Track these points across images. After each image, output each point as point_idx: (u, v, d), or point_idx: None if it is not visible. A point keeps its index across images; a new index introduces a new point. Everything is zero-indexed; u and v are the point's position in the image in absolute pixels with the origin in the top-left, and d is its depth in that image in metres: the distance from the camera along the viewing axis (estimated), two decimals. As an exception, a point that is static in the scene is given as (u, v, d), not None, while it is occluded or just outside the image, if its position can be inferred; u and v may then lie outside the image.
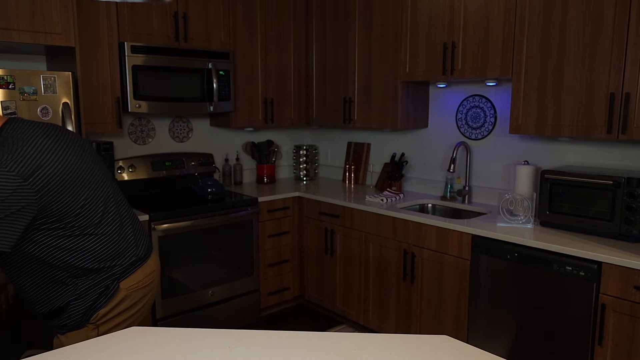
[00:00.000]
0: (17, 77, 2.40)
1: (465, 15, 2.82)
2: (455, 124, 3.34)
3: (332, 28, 3.66)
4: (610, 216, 2.31)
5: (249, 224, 3.38)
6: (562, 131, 2.47)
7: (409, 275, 2.95)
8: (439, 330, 2.84)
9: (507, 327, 2.51)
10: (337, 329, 3.46)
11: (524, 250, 2.39)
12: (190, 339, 1.31)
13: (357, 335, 1.35)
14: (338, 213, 3.37)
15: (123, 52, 2.96)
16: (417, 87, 3.35)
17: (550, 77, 2.49)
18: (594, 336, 2.20)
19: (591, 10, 2.31)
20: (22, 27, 2.44)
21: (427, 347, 1.28)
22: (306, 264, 3.71)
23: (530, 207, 2.63)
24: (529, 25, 2.54)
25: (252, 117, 3.68)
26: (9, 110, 2.40)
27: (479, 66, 2.78)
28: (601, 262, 2.14)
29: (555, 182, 2.49)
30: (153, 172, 3.44)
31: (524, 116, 2.61)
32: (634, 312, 2.06)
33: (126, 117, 3.40)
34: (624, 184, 2.26)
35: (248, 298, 3.45)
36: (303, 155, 4.16)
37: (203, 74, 3.30)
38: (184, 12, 3.22)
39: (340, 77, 3.64)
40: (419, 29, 3.06)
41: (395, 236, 3.00)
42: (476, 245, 2.59)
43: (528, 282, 2.40)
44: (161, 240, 2.96)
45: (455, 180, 3.34)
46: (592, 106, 2.35)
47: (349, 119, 3.60)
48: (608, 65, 2.28)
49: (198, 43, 3.31)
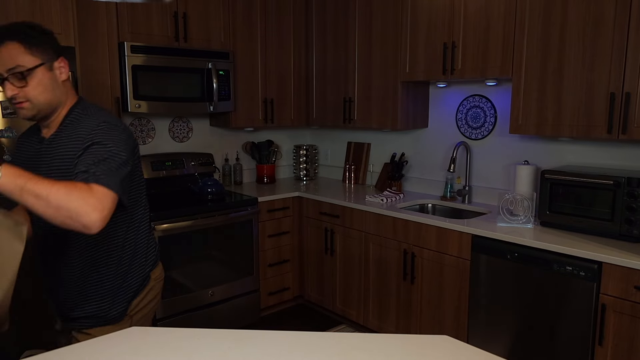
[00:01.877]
0: (17, 77, 2.40)
1: (465, 15, 2.82)
2: (455, 124, 3.34)
3: (332, 28, 3.66)
4: (611, 216, 2.31)
5: (249, 224, 3.38)
6: (562, 131, 2.47)
7: (409, 275, 2.95)
8: (439, 330, 2.84)
9: (507, 327, 2.51)
10: (337, 329, 3.46)
11: (524, 250, 2.39)
12: (190, 339, 1.31)
13: (357, 335, 1.35)
14: (338, 213, 3.37)
15: (123, 52, 2.96)
16: (417, 87, 3.34)
17: (550, 77, 2.49)
18: (594, 336, 2.20)
19: (591, 10, 2.31)
20: (22, 27, 2.44)
21: (427, 347, 1.27)
22: (306, 264, 3.71)
23: (531, 207, 2.63)
24: (529, 25, 2.54)
25: (252, 117, 3.68)
26: (8, 110, 2.40)
27: (479, 66, 2.78)
28: (601, 262, 2.14)
29: (556, 182, 2.49)
30: (153, 172, 3.43)
31: (524, 116, 2.61)
32: (634, 312, 2.06)
33: (126, 117, 3.40)
34: (624, 184, 2.26)
35: (248, 298, 3.45)
36: (303, 155, 4.16)
37: (203, 74, 3.29)
38: (184, 12, 3.22)
39: (340, 77, 3.64)
40: (419, 29, 3.06)
41: (395, 236, 3.00)
42: (476, 245, 2.58)
43: (528, 282, 2.40)
44: (161, 240, 2.96)
45: (455, 180, 3.34)
46: (593, 106, 2.35)
47: (349, 119, 3.60)
48: (608, 65, 2.28)
49: (198, 43, 3.31)
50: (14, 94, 1.39)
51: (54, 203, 1.17)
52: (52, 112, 1.48)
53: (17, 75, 1.37)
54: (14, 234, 1.24)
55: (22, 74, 1.38)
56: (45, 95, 1.43)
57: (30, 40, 1.39)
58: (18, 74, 1.37)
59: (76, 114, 1.50)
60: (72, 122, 1.48)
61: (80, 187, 1.23)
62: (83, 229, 1.21)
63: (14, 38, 1.38)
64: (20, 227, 1.26)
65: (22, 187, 1.15)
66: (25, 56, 1.38)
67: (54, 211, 1.18)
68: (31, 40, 1.40)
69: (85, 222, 1.20)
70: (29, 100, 1.41)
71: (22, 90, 1.39)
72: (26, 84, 1.39)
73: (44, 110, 1.45)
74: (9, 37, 1.38)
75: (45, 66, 1.42)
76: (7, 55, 1.37)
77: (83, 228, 1.21)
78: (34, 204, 1.17)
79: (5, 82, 1.39)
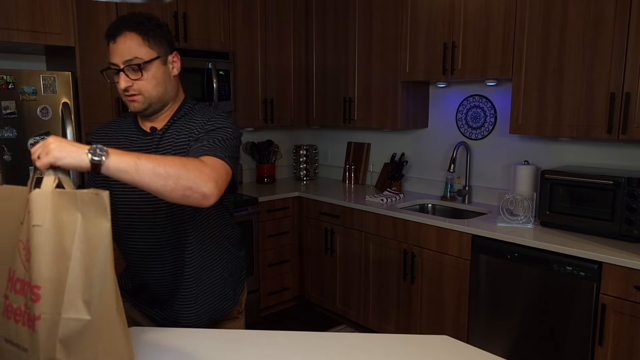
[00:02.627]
0: (16, 77, 2.40)
1: (465, 15, 2.82)
2: (455, 124, 3.34)
3: (332, 28, 3.66)
4: (611, 216, 2.31)
5: (249, 223, 3.38)
6: (562, 131, 2.47)
7: (409, 275, 2.95)
8: (439, 330, 2.84)
9: (507, 327, 2.51)
10: (337, 329, 3.45)
11: (524, 250, 2.39)
12: (190, 339, 1.31)
13: (357, 335, 1.35)
14: (338, 213, 3.37)
15: (123, 52, 2.96)
16: (417, 87, 3.34)
17: (550, 77, 2.49)
18: (594, 336, 2.19)
19: (591, 10, 2.31)
20: (22, 27, 2.44)
21: (427, 347, 1.27)
22: (306, 264, 3.71)
23: (531, 207, 2.63)
24: (529, 25, 2.54)
25: (252, 117, 3.68)
26: (8, 110, 2.40)
27: (479, 66, 2.78)
28: (601, 262, 2.14)
29: (556, 182, 2.49)
30: (153, 172, 3.43)
31: (524, 116, 2.61)
32: (634, 312, 2.06)
33: (126, 117, 3.39)
34: (624, 184, 2.26)
35: (248, 298, 3.45)
36: (303, 155, 4.15)
37: (203, 74, 3.29)
38: (184, 12, 3.22)
39: (340, 77, 3.64)
40: (419, 29, 3.06)
41: (395, 236, 2.99)
42: (476, 245, 2.58)
43: (528, 282, 2.40)
44: (161, 240, 2.95)
45: (455, 180, 3.34)
46: (593, 106, 2.35)
47: (349, 119, 3.60)
48: (608, 65, 2.28)
49: (198, 43, 3.31)
50: (127, 86, 1.36)
51: (173, 173, 1.10)
52: (161, 106, 1.45)
53: (134, 67, 1.34)
54: (96, 208, 0.97)
55: (139, 66, 1.34)
56: (158, 89, 1.40)
57: (148, 32, 1.36)
58: (135, 65, 1.34)
59: (187, 109, 1.49)
60: (183, 115, 1.47)
61: (193, 159, 1.19)
62: (202, 199, 1.14)
63: (133, 29, 1.34)
64: (101, 196, 0.96)
65: (137, 163, 1.06)
66: (142, 48, 1.35)
67: (174, 182, 1.10)
68: (149, 32, 1.36)
69: (205, 191, 1.14)
70: (142, 93, 1.38)
71: (136, 83, 1.36)
72: (141, 77, 1.36)
73: (154, 104, 1.42)
74: (128, 28, 1.34)
75: (161, 60, 1.39)
76: (125, 46, 1.33)
77: (202, 198, 1.14)
78: (152, 179, 1.08)
79: (120, 73, 1.36)
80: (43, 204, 0.95)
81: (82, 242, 0.96)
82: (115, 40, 1.35)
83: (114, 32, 1.35)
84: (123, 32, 1.34)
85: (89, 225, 0.97)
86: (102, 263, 0.97)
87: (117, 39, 1.34)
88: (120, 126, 1.54)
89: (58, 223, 0.96)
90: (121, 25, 1.35)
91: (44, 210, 0.95)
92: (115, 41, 1.35)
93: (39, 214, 0.95)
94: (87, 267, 0.96)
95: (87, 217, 0.96)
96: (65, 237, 0.96)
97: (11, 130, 2.42)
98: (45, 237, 0.95)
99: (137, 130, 1.50)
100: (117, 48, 1.34)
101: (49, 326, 0.95)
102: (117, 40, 1.34)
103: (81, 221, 0.96)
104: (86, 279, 0.96)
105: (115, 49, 1.35)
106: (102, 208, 0.96)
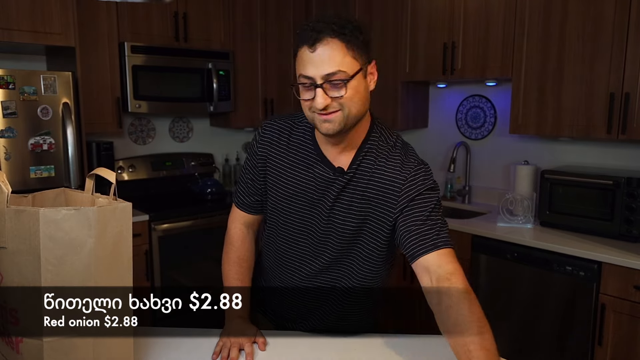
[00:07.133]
0: (17, 77, 2.40)
1: (465, 15, 2.82)
2: (455, 124, 3.34)
3: (332, 28, 3.65)
4: (610, 216, 2.31)
5: (249, 224, 3.38)
6: (562, 131, 2.47)
7: (408, 275, 2.95)
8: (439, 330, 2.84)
9: (506, 327, 2.51)
10: (337, 328, 3.45)
11: (524, 250, 2.39)
12: (190, 339, 1.31)
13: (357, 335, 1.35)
14: (338, 213, 3.36)
15: (123, 52, 2.96)
16: (417, 87, 3.34)
17: (550, 77, 2.49)
18: (594, 336, 2.20)
19: (591, 10, 2.31)
20: (22, 27, 2.44)
21: (427, 347, 1.28)
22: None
23: (530, 207, 2.63)
24: (529, 25, 2.54)
25: (252, 117, 3.68)
26: (9, 110, 2.40)
27: (479, 66, 2.78)
28: (601, 262, 2.14)
29: (555, 182, 2.49)
30: (153, 172, 3.43)
31: (523, 116, 2.61)
32: (633, 312, 2.06)
33: (126, 117, 3.39)
34: (624, 184, 2.26)
35: (248, 298, 3.45)
36: (303, 155, 4.15)
37: (203, 74, 3.29)
38: (184, 12, 3.22)
39: (340, 77, 3.63)
40: (419, 29, 3.06)
41: (395, 236, 2.99)
42: (476, 245, 2.58)
43: (528, 282, 2.40)
44: (161, 240, 2.96)
45: (455, 180, 3.34)
46: (592, 106, 2.35)
47: (349, 119, 3.60)
48: (608, 65, 2.28)
49: (198, 43, 3.31)
50: (327, 104, 1.09)
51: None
52: (352, 127, 1.17)
53: (337, 82, 1.07)
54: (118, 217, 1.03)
55: (344, 82, 1.07)
56: (359, 107, 1.13)
57: (352, 39, 1.08)
58: (339, 81, 1.07)
59: (374, 141, 1.23)
60: (368, 151, 1.22)
61: (473, 313, 1.16)
62: None
63: (335, 34, 1.07)
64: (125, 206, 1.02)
65: None
66: (346, 59, 1.07)
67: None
68: (353, 39, 1.08)
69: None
70: (341, 109, 1.10)
71: (336, 100, 1.09)
72: (345, 94, 1.08)
73: (349, 125, 1.14)
74: (330, 33, 1.06)
75: (363, 72, 1.11)
76: (327, 56, 1.06)
77: None
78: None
79: (316, 89, 1.08)
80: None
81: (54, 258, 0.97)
82: (315, 47, 1.07)
83: (314, 37, 1.07)
84: (324, 37, 1.07)
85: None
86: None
87: (317, 45, 1.07)
88: (293, 138, 1.27)
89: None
90: (323, 28, 1.07)
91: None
92: (314, 48, 1.07)
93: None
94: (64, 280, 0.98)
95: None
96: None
97: (11, 130, 2.42)
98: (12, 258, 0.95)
99: (320, 159, 1.23)
100: (315, 58, 1.07)
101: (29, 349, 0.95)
102: (317, 47, 1.07)
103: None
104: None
105: (312, 59, 1.07)
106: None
